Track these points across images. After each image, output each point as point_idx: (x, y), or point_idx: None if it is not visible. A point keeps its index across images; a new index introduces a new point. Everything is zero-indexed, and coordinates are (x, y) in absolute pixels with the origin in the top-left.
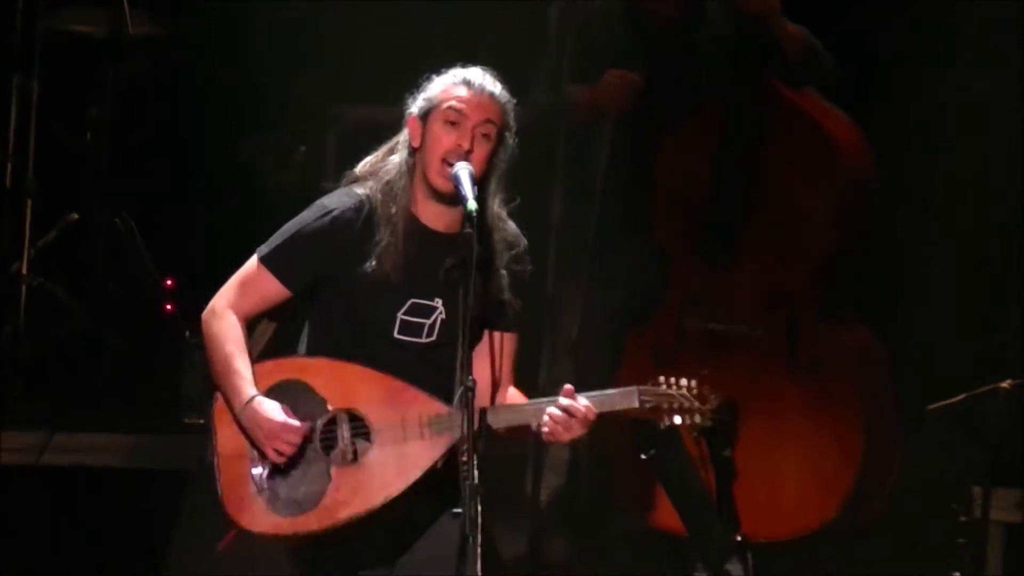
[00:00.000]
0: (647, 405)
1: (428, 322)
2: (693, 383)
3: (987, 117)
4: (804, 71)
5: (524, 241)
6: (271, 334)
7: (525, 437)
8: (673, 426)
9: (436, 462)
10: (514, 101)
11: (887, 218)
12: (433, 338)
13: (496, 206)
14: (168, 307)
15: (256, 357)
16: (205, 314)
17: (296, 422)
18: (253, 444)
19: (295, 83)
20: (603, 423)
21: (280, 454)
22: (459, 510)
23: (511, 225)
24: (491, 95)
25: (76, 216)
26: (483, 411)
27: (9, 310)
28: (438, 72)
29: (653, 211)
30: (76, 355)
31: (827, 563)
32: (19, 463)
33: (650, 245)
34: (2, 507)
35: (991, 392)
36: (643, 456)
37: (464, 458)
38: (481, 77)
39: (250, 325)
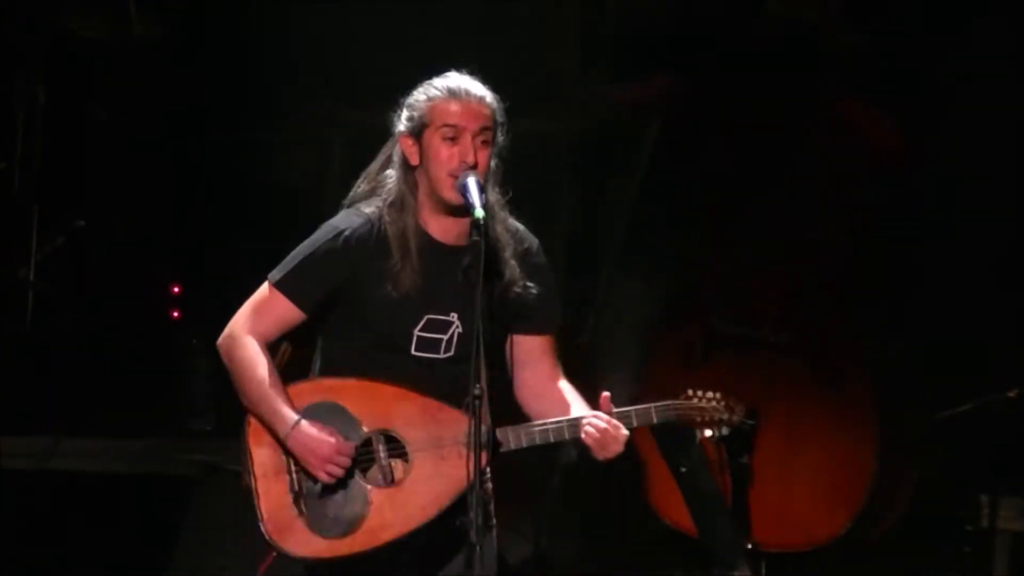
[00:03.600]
0: (680, 419)
1: (445, 337)
2: (719, 395)
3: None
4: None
5: (534, 239)
6: (288, 357)
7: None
8: (703, 439)
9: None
10: (498, 98)
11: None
12: (451, 353)
13: (493, 198)
14: (175, 313)
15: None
16: (223, 340)
17: (346, 442)
18: (296, 466)
19: (302, 86)
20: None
21: (332, 476)
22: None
23: (512, 221)
24: (480, 100)
25: (83, 222)
26: (492, 431)
27: (16, 315)
28: (417, 85)
29: (691, 211)
30: (82, 360)
31: (834, 569)
32: (24, 468)
33: (683, 245)
34: (7, 512)
35: (998, 401)
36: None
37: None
38: (466, 83)
39: (271, 347)
